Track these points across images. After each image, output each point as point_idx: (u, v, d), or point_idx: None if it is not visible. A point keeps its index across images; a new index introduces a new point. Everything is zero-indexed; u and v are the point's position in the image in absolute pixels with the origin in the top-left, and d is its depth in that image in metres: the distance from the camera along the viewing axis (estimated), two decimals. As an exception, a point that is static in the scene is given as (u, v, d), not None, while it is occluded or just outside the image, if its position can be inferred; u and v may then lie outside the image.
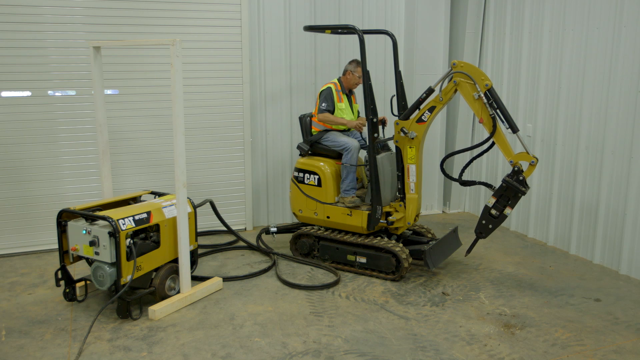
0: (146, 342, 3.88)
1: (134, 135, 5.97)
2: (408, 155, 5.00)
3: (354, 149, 5.22)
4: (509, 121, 4.52)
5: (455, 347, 3.86)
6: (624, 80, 5.07)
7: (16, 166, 5.58)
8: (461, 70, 4.61)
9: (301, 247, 5.49)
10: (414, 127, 4.90)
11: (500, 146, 4.59)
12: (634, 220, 5.05)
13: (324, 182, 5.35)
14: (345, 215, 5.21)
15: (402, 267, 4.89)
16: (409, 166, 5.02)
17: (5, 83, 5.45)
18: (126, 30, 5.73)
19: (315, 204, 5.40)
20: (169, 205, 4.55)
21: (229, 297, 4.64)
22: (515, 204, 4.56)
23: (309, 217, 5.50)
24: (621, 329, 4.12)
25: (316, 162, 5.43)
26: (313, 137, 5.52)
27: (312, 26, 5.40)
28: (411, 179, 5.05)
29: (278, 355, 3.72)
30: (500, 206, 4.58)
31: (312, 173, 5.42)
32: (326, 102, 5.39)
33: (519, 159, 4.52)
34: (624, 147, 5.11)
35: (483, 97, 4.52)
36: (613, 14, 5.13)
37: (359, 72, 5.36)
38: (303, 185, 5.49)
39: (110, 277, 4.09)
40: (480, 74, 4.54)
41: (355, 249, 5.14)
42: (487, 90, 4.51)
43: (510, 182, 4.47)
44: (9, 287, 4.84)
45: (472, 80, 4.54)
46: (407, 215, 5.11)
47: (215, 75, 6.17)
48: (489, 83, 4.50)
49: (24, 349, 3.79)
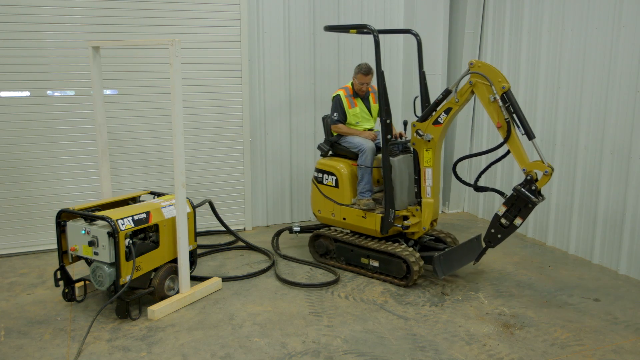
0: (145, 342, 3.88)
1: (133, 136, 5.97)
2: (424, 158, 4.83)
3: (369, 150, 5.12)
4: (525, 127, 4.25)
5: (454, 347, 3.86)
6: (623, 80, 5.07)
7: (15, 166, 5.58)
8: (478, 70, 4.38)
9: (319, 248, 5.46)
10: (430, 130, 4.73)
11: (514, 153, 4.36)
12: (633, 220, 5.05)
13: (340, 183, 5.29)
14: (360, 217, 5.14)
15: (412, 273, 4.74)
16: (425, 169, 4.85)
17: (4, 83, 5.45)
18: (125, 30, 5.72)
19: (333, 204, 5.36)
20: (168, 206, 4.55)
21: (228, 297, 4.64)
22: (526, 215, 4.32)
23: (327, 218, 5.47)
24: (620, 329, 4.12)
25: (335, 162, 5.38)
26: (333, 137, 5.49)
27: (333, 26, 5.27)
28: (427, 182, 4.86)
29: (277, 355, 3.72)
30: (510, 216, 4.35)
31: (330, 174, 5.38)
32: (336, 112, 5.35)
33: (533, 167, 4.25)
34: (623, 147, 5.12)
35: (499, 100, 4.29)
36: (612, 14, 5.14)
37: (359, 79, 5.28)
38: (322, 186, 5.45)
39: (109, 277, 4.08)
40: (498, 75, 4.30)
41: (369, 252, 5.05)
42: (503, 93, 4.27)
43: (521, 192, 4.24)
44: (8, 287, 4.83)
45: (488, 82, 4.32)
46: (422, 220, 4.93)
47: (215, 75, 6.17)
48: (506, 85, 4.26)
49: (23, 349, 3.78)
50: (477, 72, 4.38)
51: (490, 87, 4.32)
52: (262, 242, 6.02)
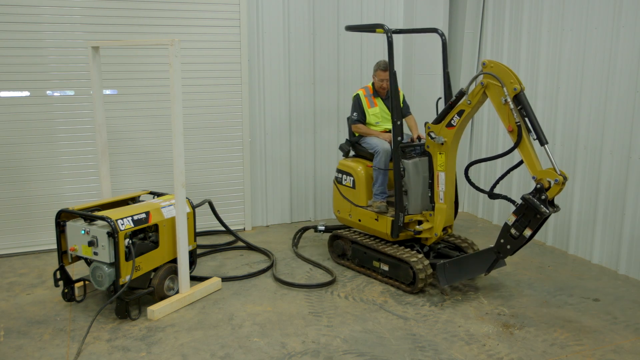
0: (145, 343, 3.88)
1: (133, 136, 5.97)
2: (438, 161, 4.66)
3: (383, 152, 5.04)
4: (537, 131, 4.00)
5: (454, 347, 3.86)
6: (623, 80, 5.07)
7: (15, 166, 5.58)
8: (489, 71, 4.16)
9: (336, 248, 5.44)
10: (444, 132, 4.54)
11: (525, 159, 4.09)
12: (632, 220, 5.06)
13: (357, 185, 5.24)
14: (373, 220, 5.08)
15: (417, 280, 4.58)
16: (438, 173, 4.67)
17: (4, 83, 5.44)
18: (125, 30, 5.72)
19: (350, 205, 5.34)
20: (168, 206, 4.55)
21: (228, 297, 4.64)
22: (536, 226, 4.02)
23: (345, 219, 5.46)
24: (620, 329, 4.12)
25: (353, 163, 5.34)
26: (354, 137, 5.46)
27: (353, 26, 5.19)
28: (440, 187, 4.68)
29: (277, 356, 3.72)
30: (521, 226, 4.07)
31: (348, 174, 5.34)
32: (356, 111, 5.32)
33: (545, 175, 3.96)
34: (622, 147, 5.12)
35: (510, 103, 4.03)
36: (611, 14, 5.14)
37: (379, 75, 5.21)
38: (341, 186, 5.43)
39: (109, 277, 4.08)
40: (510, 76, 4.07)
41: (380, 255, 4.96)
42: (515, 95, 4.04)
43: (530, 200, 3.96)
44: (7, 288, 4.83)
45: (500, 83, 4.08)
46: (435, 226, 4.75)
47: (214, 75, 6.17)
48: (517, 87, 4.02)
49: (23, 349, 3.78)
50: (488, 73, 4.18)
51: (502, 88, 4.09)
52: (261, 242, 6.03)
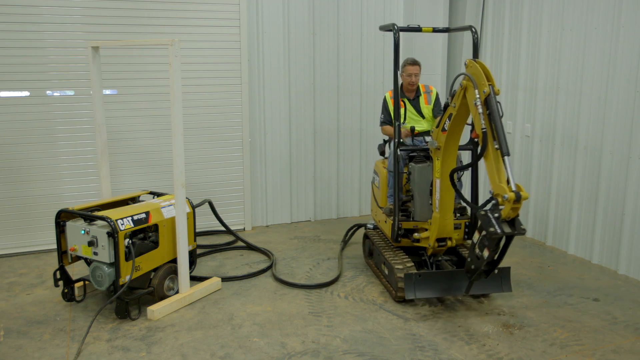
0: (145, 343, 3.88)
1: (133, 136, 5.97)
2: (435, 167, 4.39)
3: (391, 154, 4.98)
4: (500, 140, 3.50)
5: (454, 346, 3.86)
6: (623, 80, 5.07)
7: (14, 166, 5.58)
8: (468, 72, 3.83)
9: (365, 247, 5.52)
10: (440, 137, 4.28)
11: (488, 170, 3.61)
12: (632, 220, 5.06)
13: (381, 185, 5.25)
14: (383, 222, 5.12)
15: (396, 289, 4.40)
16: (435, 180, 4.39)
17: (4, 83, 5.44)
18: (125, 30, 5.72)
19: (376, 205, 5.38)
20: (168, 206, 4.55)
21: (228, 297, 4.64)
22: (493, 246, 3.49)
23: (374, 219, 5.51)
24: (620, 329, 4.12)
25: (382, 164, 5.36)
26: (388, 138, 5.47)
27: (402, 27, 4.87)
28: (436, 195, 4.38)
29: (277, 355, 3.72)
30: (482, 245, 3.59)
31: (376, 175, 5.39)
32: (382, 113, 5.34)
33: (499, 190, 3.45)
34: (622, 147, 5.12)
35: (478, 106, 3.62)
36: (611, 14, 5.14)
37: (407, 70, 5.08)
38: (373, 186, 5.50)
39: (108, 277, 4.08)
40: (482, 78, 3.67)
41: (383, 259, 4.88)
42: (485, 98, 3.63)
43: (481, 217, 3.48)
44: (7, 288, 4.83)
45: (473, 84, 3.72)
46: (430, 236, 4.53)
47: (214, 75, 6.17)
48: (487, 90, 3.61)
49: (23, 349, 3.78)
50: (465, 74, 3.84)
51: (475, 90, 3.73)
52: (261, 242, 6.03)
